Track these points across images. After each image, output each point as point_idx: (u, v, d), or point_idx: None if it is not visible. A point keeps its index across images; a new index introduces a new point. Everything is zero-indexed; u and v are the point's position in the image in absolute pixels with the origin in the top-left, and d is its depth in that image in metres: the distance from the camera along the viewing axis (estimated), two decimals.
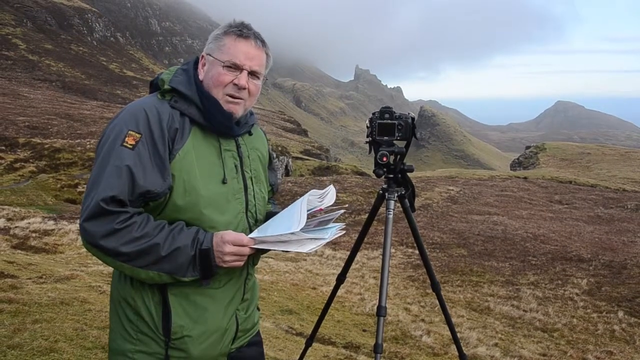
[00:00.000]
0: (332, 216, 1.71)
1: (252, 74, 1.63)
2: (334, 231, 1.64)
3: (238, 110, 1.63)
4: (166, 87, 1.57)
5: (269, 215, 1.76)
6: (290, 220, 1.59)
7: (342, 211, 1.77)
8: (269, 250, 1.64)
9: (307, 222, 1.58)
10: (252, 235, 1.57)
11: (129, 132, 1.46)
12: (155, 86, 1.63)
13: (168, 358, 1.56)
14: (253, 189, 1.71)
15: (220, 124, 1.59)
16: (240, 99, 1.62)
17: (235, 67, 1.60)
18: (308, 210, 1.62)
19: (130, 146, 1.44)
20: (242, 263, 1.56)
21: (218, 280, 1.60)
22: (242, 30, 1.61)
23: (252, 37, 1.62)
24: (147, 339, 1.55)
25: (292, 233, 1.54)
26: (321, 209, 1.70)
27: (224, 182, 1.60)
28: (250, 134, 1.76)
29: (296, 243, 1.56)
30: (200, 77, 1.63)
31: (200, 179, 1.54)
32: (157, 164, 1.46)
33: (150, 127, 1.48)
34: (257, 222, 1.71)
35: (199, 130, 1.58)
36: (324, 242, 1.58)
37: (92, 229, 1.40)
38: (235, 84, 1.60)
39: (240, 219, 1.65)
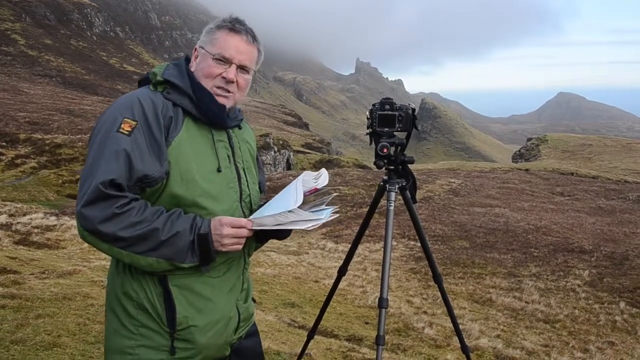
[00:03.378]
0: (325, 200, 1.74)
1: (242, 68, 1.66)
2: (329, 213, 1.67)
3: (227, 103, 1.66)
4: (159, 78, 1.59)
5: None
6: (286, 200, 1.62)
7: (335, 194, 1.81)
8: (268, 239, 1.69)
9: (301, 205, 1.60)
10: (249, 217, 1.60)
11: (125, 119, 1.47)
12: (145, 82, 1.65)
13: (174, 349, 1.56)
14: (246, 179, 1.73)
15: (213, 115, 1.62)
16: (229, 92, 1.65)
17: (225, 61, 1.63)
18: (303, 190, 1.66)
19: (127, 132, 1.45)
20: (240, 247, 1.57)
21: (217, 269, 1.62)
22: (234, 25, 1.65)
23: (244, 32, 1.65)
24: (149, 333, 1.55)
25: (289, 211, 1.56)
26: (316, 188, 1.72)
27: (218, 170, 1.62)
28: (239, 127, 1.79)
29: (293, 222, 1.58)
30: (192, 68, 1.66)
31: (196, 167, 1.56)
32: (153, 149, 1.48)
33: (145, 115, 1.49)
34: (252, 212, 1.73)
35: (191, 121, 1.60)
36: (320, 222, 1.61)
37: (90, 214, 1.39)
38: (223, 77, 1.63)
39: (236, 207, 1.67)
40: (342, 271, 2.75)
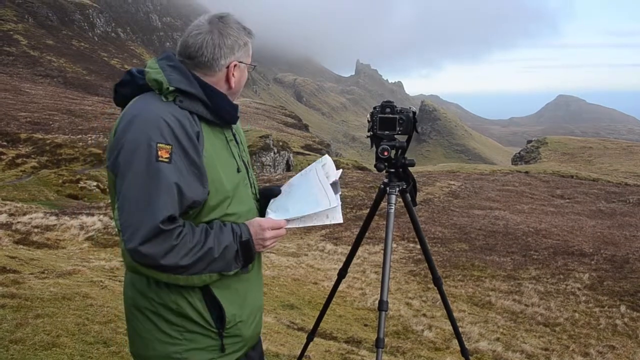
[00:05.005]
0: (337, 182, 1.77)
1: None
2: (339, 195, 1.73)
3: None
4: (169, 87, 1.51)
5: (261, 193, 1.79)
6: (314, 195, 1.67)
7: (341, 171, 1.85)
8: None
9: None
10: (275, 215, 1.64)
11: (158, 145, 1.41)
12: (137, 87, 1.57)
13: (224, 347, 1.61)
14: (250, 172, 1.76)
15: (231, 116, 1.63)
16: None
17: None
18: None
19: (167, 160, 1.41)
20: (277, 244, 1.66)
21: (252, 264, 1.67)
22: (251, 31, 1.68)
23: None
24: (196, 337, 1.56)
25: (330, 208, 1.64)
26: (335, 180, 1.76)
27: (238, 171, 1.64)
28: None
29: (323, 215, 1.65)
30: (233, 84, 1.65)
31: (223, 175, 1.56)
32: (194, 173, 1.46)
33: (176, 136, 1.44)
34: (257, 202, 1.76)
35: (206, 126, 1.57)
36: (340, 207, 1.68)
37: (152, 251, 1.38)
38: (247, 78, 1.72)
39: (253, 203, 1.70)
40: (342, 274, 2.75)
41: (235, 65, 1.62)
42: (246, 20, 1.70)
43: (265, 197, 1.75)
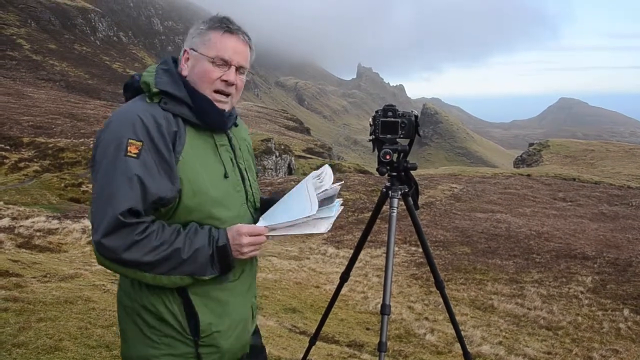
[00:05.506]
0: (334, 192, 1.73)
1: (239, 69, 1.63)
2: (337, 207, 1.69)
3: (226, 107, 1.64)
4: (154, 89, 1.54)
5: (263, 202, 1.79)
6: (299, 204, 1.62)
7: (341, 183, 1.81)
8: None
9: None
10: (263, 223, 1.60)
11: (129, 140, 1.43)
12: (135, 90, 1.61)
13: (199, 356, 1.58)
14: (248, 179, 1.73)
15: (214, 121, 1.60)
16: (229, 94, 1.63)
17: (224, 63, 1.59)
18: (315, 193, 1.66)
19: (135, 155, 1.42)
20: (258, 252, 1.60)
21: (234, 273, 1.63)
22: (228, 26, 1.61)
23: (238, 32, 1.63)
24: (173, 342, 1.56)
25: (308, 217, 1.57)
26: (327, 190, 1.72)
27: (225, 176, 1.62)
28: (235, 125, 1.77)
29: (308, 225, 1.60)
30: (184, 72, 1.61)
31: (205, 177, 1.55)
32: (164, 170, 1.46)
33: (149, 134, 1.45)
34: (256, 211, 1.74)
35: (192, 129, 1.57)
36: (332, 219, 1.63)
37: (112, 244, 1.38)
38: (224, 80, 1.60)
39: (244, 210, 1.68)
40: (344, 277, 2.75)
41: (185, 52, 1.63)
42: (247, 24, 1.69)
43: (265, 207, 1.74)
